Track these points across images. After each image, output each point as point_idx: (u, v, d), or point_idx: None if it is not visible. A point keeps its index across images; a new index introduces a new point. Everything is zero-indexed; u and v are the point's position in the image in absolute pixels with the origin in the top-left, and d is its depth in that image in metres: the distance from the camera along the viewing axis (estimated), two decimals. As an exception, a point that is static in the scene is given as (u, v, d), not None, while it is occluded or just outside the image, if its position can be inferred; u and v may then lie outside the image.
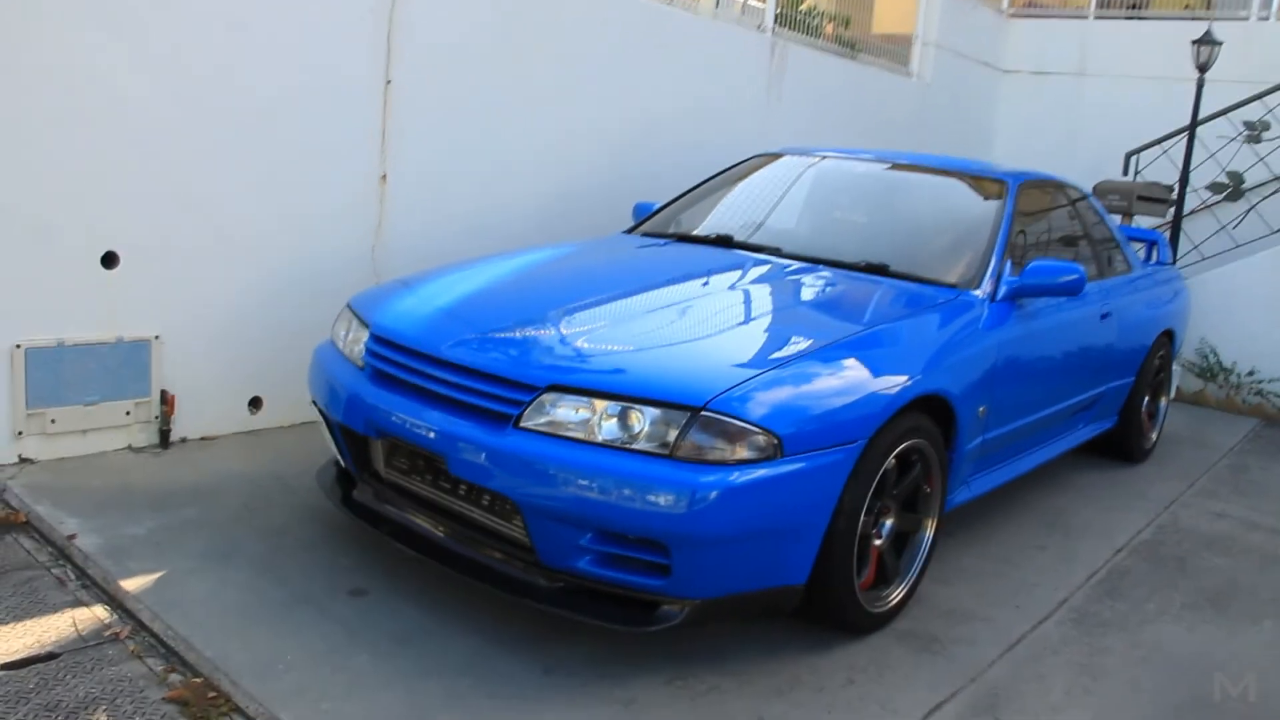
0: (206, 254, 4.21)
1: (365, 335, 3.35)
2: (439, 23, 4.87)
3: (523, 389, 2.83)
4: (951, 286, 3.79)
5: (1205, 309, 7.24)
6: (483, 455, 2.79)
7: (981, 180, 4.45)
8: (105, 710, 2.45)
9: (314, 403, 3.53)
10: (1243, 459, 5.97)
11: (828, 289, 3.76)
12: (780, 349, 3.05)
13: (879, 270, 3.89)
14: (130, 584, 3.04)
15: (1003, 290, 3.83)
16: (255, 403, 4.54)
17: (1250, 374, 7.38)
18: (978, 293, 3.78)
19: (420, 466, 3.13)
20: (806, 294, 3.70)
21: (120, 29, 3.82)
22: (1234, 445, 6.28)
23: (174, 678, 2.62)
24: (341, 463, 3.48)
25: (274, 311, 4.47)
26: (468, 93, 5.06)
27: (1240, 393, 7.40)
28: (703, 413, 2.67)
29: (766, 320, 3.42)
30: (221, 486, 3.85)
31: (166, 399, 4.16)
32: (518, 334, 3.14)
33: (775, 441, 2.70)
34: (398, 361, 3.15)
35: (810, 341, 3.09)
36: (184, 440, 4.27)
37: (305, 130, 4.42)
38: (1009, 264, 3.94)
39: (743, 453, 2.67)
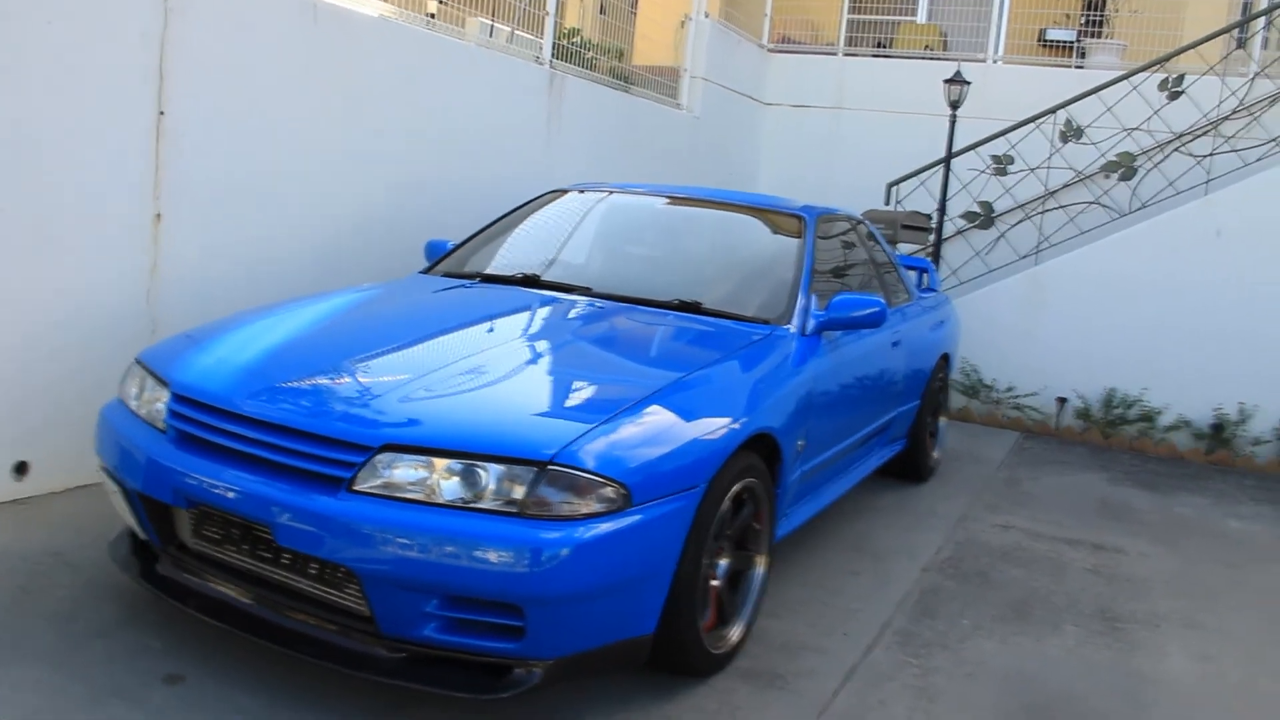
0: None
1: (165, 394, 3.08)
2: (217, 49, 4.57)
3: (355, 449, 2.67)
4: (765, 323, 3.86)
5: (966, 330, 7.69)
6: (314, 523, 2.61)
7: (780, 215, 4.58)
8: None
9: (104, 469, 3.22)
10: (1014, 471, 6.38)
11: (650, 330, 3.75)
12: (616, 395, 3.01)
13: (692, 308, 3.92)
14: (-104, 694, 2.67)
15: (811, 324, 3.94)
16: (21, 468, 4.11)
17: (1008, 390, 7.92)
18: (789, 328, 3.87)
19: (235, 536, 2.89)
20: (630, 335, 3.69)
21: None
22: (1003, 459, 6.71)
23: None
24: (140, 534, 3.18)
25: (38, 366, 4.06)
26: (249, 124, 4.78)
27: (1001, 408, 7.92)
28: (550, 467, 2.59)
29: (596, 365, 3.38)
30: (-10, 568, 3.46)
31: (-84, 472, 3.72)
32: (342, 389, 2.96)
33: (624, 492, 2.65)
34: (207, 424, 2.91)
35: (645, 386, 3.06)
36: (-63, 516, 3.82)
37: (62, 163, 4.03)
38: (814, 298, 4.05)
39: (593, 505, 2.61)
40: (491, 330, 3.59)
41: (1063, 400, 7.75)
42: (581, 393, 3.09)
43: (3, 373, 3.97)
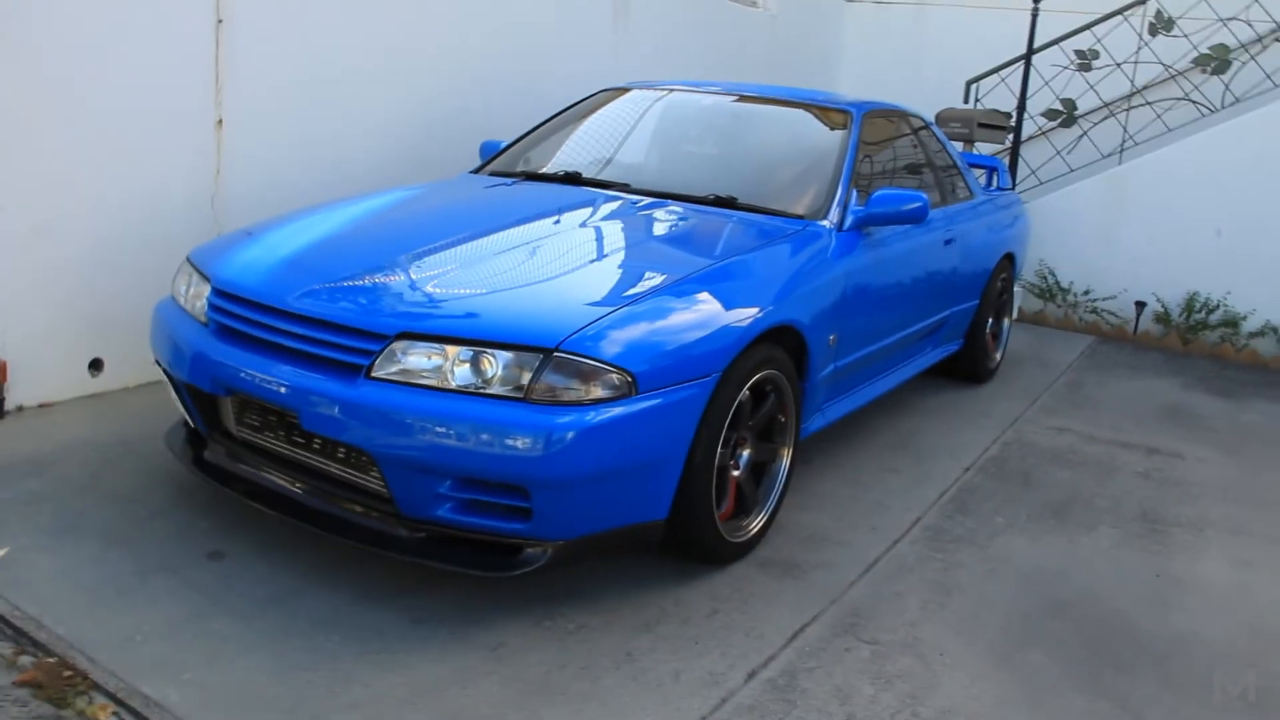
0: (31, 212, 3.98)
1: (207, 289, 3.23)
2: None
3: (372, 338, 2.77)
4: (799, 217, 3.86)
5: (1043, 232, 7.53)
6: (335, 408, 2.73)
7: (826, 110, 4.52)
8: (-52, 699, 2.35)
9: (157, 362, 3.41)
10: (1080, 375, 6.27)
11: (677, 224, 3.78)
12: (632, 286, 3.06)
13: (727, 203, 3.93)
14: (-33, 564, 2.90)
15: (849, 220, 3.92)
16: (96, 364, 4.34)
17: (1086, 293, 7.74)
18: (825, 223, 3.85)
19: (272, 423, 3.05)
20: (656, 229, 3.71)
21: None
22: (1072, 362, 6.59)
23: (24, 660, 2.51)
24: (191, 423, 3.37)
25: (111, 268, 4.27)
26: (304, 30, 4.86)
27: (1077, 311, 7.75)
28: (555, 354, 2.67)
29: (617, 257, 3.42)
30: (64, 455, 3.68)
31: (-3, 366, 3.96)
32: (365, 281, 3.06)
33: (629, 379, 2.71)
34: (242, 315, 3.05)
35: (662, 277, 3.11)
36: (20, 409, 4.06)
37: (129, 74, 4.18)
38: (855, 193, 4.02)
39: (598, 392, 2.68)
40: (519, 225, 3.65)
41: (1141, 304, 7.54)
42: (598, 283, 3.14)
43: (78, 276, 4.18)
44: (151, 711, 2.35)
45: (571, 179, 4.24)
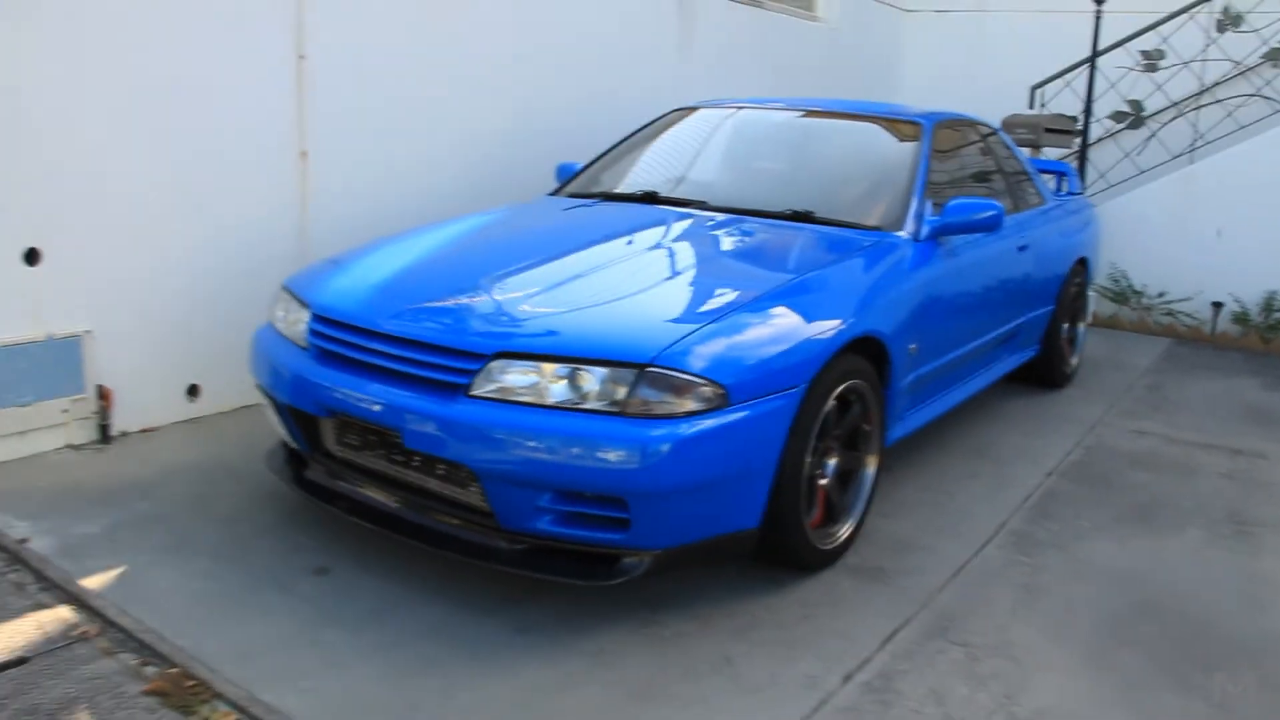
0: (132, 244, 4.17)
1: (306, 315, 3.36)
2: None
3: (471, 358, 2.88)
4: (876, 229, 3.92)
5: (1115, 235, 7.49)
6: (436, 426, 2.84)
7: (897, 122, 4.57)
8: (86, 708, 2.47)
9: (258, 386, 3.54)
10: (1159, 378, 6.23)
11: (757, 239, 3.85)
12: (719, 301, 3.14)
13: (804, 217, 4.00)
14: (91, 582, 3.04)
15: (925, 230, 3.96)
16: (193, 390, 4.52)
17: (1160, 295, 7.67)
18: (901, 234, 3.91)
19: (373, 442, 3.16)
20: (737, 245, 3.80)
21: (17, 22, 3.73)
22: (1149, 365, 6.54)
23: (149, 670, 2.63)
24: (291, 444, 3.50)
25: (204, 296, 4.45)
26: (380, 63, 5.02)
27: (1152, 314, 7.68)
28: (649, 369, 2.75)
29: (702, 274, 3.50)
30: (170, 478, 3.84)
31: (103, 393, 4.13)
32: (460, 303, 3.18)
33: (721, 392, 2.79)
34: (343, 339, 3.17)
35: (747, 292, 3.19)
36: (125, 434, 4.24)
37: (218, 112, 4.36)
38: (929, 204, 4.07)
39: (690, 405, 2.75)
40: (602, 245, 3.75)
41: (1218, 305, 7.46)
42: (685, 298, 3.23)
43: (175, 305, 4.37)
44: (273, 718, 2.46)
45: (649, 198, 4.34)
